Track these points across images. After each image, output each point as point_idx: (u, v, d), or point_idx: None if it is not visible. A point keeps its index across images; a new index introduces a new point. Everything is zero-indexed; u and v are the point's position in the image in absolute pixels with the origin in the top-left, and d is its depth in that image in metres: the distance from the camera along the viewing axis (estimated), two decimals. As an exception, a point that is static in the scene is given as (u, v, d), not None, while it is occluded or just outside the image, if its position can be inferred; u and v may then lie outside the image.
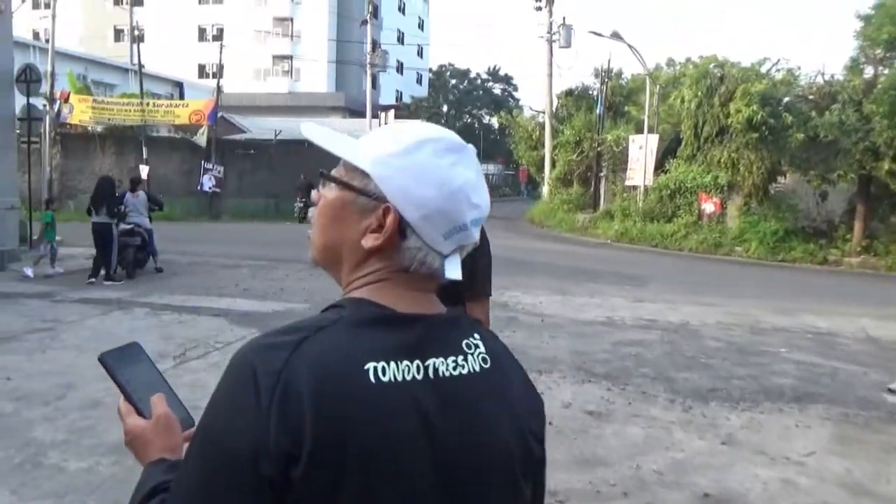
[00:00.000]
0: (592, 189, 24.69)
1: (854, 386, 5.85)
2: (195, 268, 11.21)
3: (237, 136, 26.33)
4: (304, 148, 27.94)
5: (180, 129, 23.72)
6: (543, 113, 27.44)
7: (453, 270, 0.87)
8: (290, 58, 46.24)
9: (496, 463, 0.81)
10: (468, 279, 2.35)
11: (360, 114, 37.57)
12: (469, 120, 70.95)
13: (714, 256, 17.59)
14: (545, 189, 27.69)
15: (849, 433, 4.75)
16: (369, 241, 0.83)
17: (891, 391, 5.65)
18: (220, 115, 22.76)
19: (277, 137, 24.53)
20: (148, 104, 21.55)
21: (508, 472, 0.82)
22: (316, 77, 44.74)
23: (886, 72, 16.00)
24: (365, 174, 0.83)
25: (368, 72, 28.76)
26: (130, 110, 21.30)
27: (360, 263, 0.85)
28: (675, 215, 19.49)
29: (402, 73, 51.47)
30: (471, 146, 0.88)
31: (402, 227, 0.82)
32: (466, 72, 67.96)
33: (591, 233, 22.08)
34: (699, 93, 18.36)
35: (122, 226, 9.84)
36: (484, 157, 64.06)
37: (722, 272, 14.51)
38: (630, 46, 20.77)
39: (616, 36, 20.80)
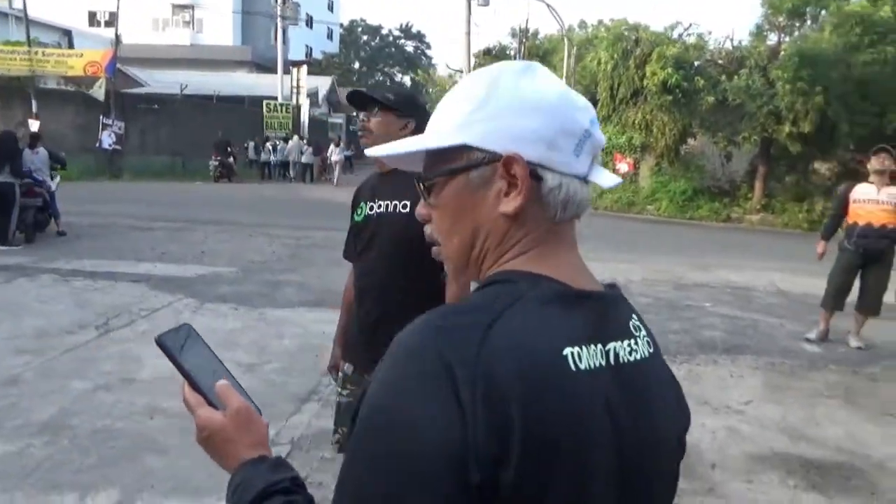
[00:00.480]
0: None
1: (775, 337, 6.22)
2: (102, 230, 10.44)
3: (137, 90, 24.62)
4: (211, 104, 26.69)
5: (73, 82, 21.89)
6: (461, 72, 27.20)
7: (608, 177, 0.79)
8: (192, 7, 43.41)
9: (664, 456, 0.76)
10: None
11: (267, 69, 36.00)
12: (381, 78, 69.62)
13: (628, 215, 18.25)
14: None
15: (777, 381, 5.04)
16: (510, 204, 0.73)
17: (808, 340, 6.04)
18: (118, 66, 21.14)
19: (183, 92, 23.11)
20: (37, 53, 19.66)
21: (673, 465, 0.79)
22: (220, 29, 42.28)
23: (788, 39, 16.86)
24: (461, 148, 0.74)
25: (279, 24, 27.43)
26: (16, 59, 19.38)
27: (503, 239, 0.75)
28: (591, 175, 19.99)
29: (311, 28, 49.50)
30: (534, 62, 0.80)
31: (533, 171, 0.73)
32: (378, 28, 66.43)
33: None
34: (615, 55, 18.68)
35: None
36: (397, 116, 63.31)
37: (637, 230, 15.05)
38: (548, 6, 20.81)
39: (535, -5, 20.73)
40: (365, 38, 66.84)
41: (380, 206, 2.20)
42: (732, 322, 6.63)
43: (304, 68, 28.14)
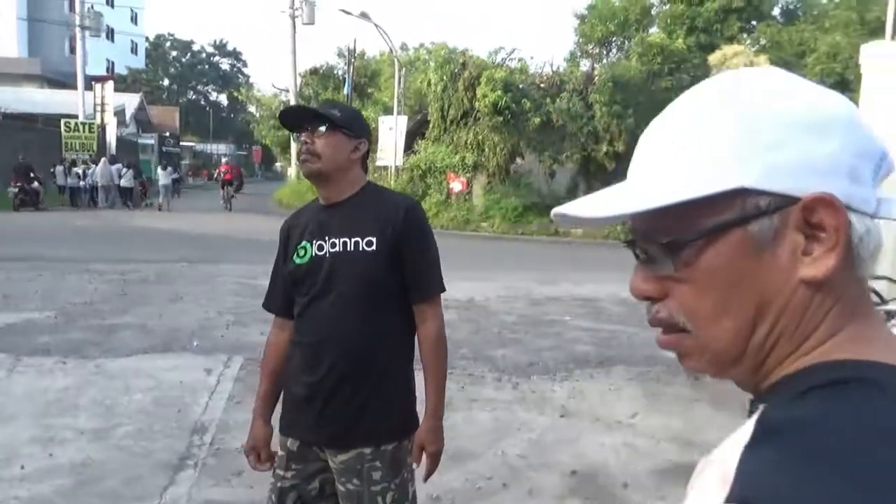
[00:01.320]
0: (342, 170, 24.55)
1: (636, 346, 6.54)
2: None
3: None
4: (4, 122, 23.29)
5: None
6: (287, 91, 26.43)
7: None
8: (-36, 12, 37.89)
9: None
10: (418, 276, 1.93)
11: (61, 84, 32.32)
12: (194, 96, 65.80)
13: (464, 232, 18.67)
14: (292, 170, 26.82)
15: (651, 389, 5.26)
16: (819, 267, 0.52)
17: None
18: None
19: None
20: None
21: None
22: (2, 38, 37.34)
23: (598, 65, 18.38)
24: (732, 194, 0.53)
25: (77, 34, 24.74)
26: None
27: (804, 315, 0.54)
28: (427, 194, 20.26)
29: (112, 40, 45.46)
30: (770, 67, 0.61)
31: None
32: (189, 43, 62.76)
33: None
34: (444, 77, 19.17)
35: None
36: (214, 136, 59.99)
37: (475, 248, 15.41)
38: (377, 26, 20.87)
39: (364, 16, 20.73)
40: (174, 53, 62.82)
41: (334, 245, 1.86)
42: (596, 334, 6.89)
43: (111, 84, 25.66)
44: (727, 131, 0.54)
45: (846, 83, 16.29)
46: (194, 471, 3.53)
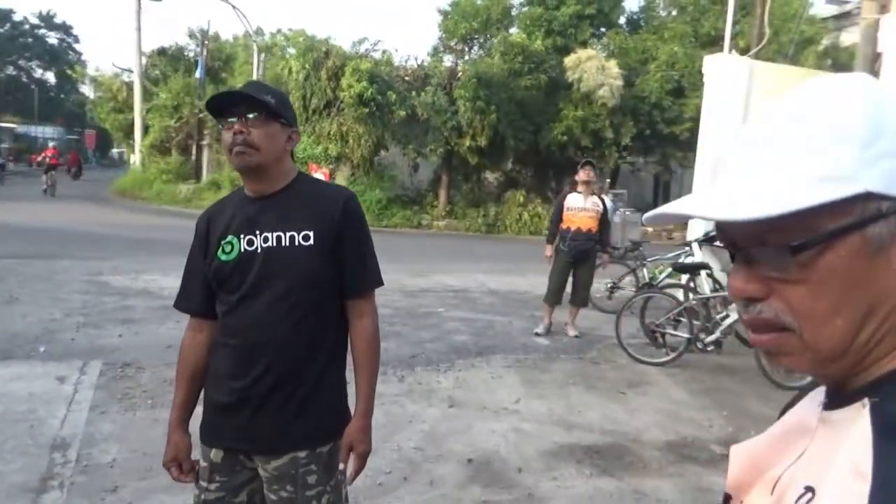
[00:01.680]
0: (194, 158, 23.11)
1: (511, 334, 6.77)
2: None
3: None
4: None
5: None
6: (131, 71, 24.40)
7: None
8: None
9: None
10: (356, 270, 1.86)
11: None
12: (15, 72, 59.01)
13: (328, 225, 18.34)
14: (136, 157, 24.84)
15: (529, 376, 5.46)
16: None
17: (537, 335, 6.70)
18: None
19: None
20: None
21: None
22: None
23: (461, 61, 18.74)
24: (853, 199, 0.55)
25: None
26: None
27: None
28: (288, 186, 19.69)
29: None
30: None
31: None
32: (9, 13, 55.98)
33: (196, 204, 20.73)
34: (307, 65, 18.61)
35: None
36: (40, 117, 54.18)
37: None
38: (234, 7, 19.82)
39: (219, -5, 19.58)
40: (-10, 22, 55.78)
41: (266, 240, 1.73)
42: (472, 324, 7.03)
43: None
44: (854, 138, 0.55)
45: (682, 90, 17.89)
46: (60, 492, 3.15)
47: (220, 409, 1.77)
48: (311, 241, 1.73)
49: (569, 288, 6.81)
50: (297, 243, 1.72)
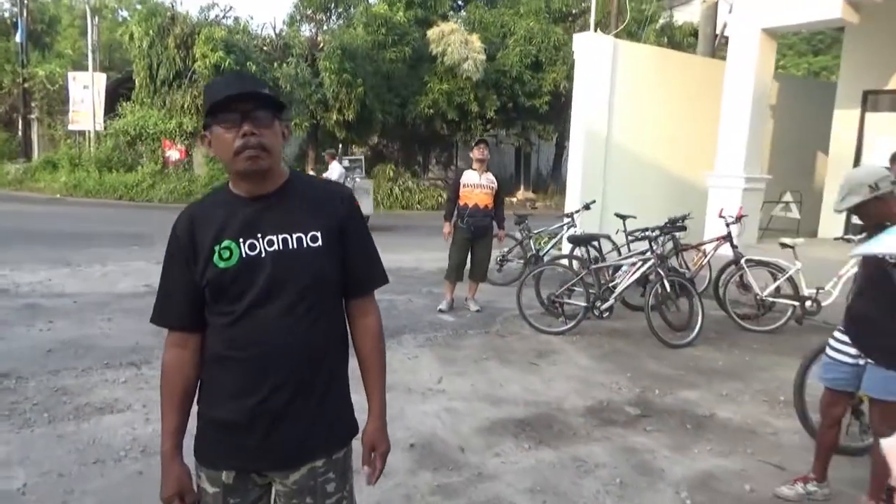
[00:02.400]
0: (22, 134, 20.59)
1: (415, 312, 6.78)
2: None
3: None
4: None
5: None
6: (-69, 34, 21.09)
7: None
8: None
9: None
10: (362, 269, 1.81)
11: None
12: None
13: (185, 206, 17.19)
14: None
15: (443, 354, 5.53)
16: None
17: (441, 311, 6.78)
18: None
19: None
20: None
21: None
22: None
23: (319, 31, 18.14)
24: None
25: None
26: None
27: None
28: (138, 164, 18.14)
29: None
30: None
31: None
32: None
33: (28, 186, 18.61)
34: (150, 31, 17.15)
35: None
36: None
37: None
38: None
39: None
40: None
41: (271, 243, 1.62)
42: (373, 305, 6.95)
43: None
44: None
45: (540, 64, 18.58)
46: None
47: (227, 428, 1.65)
48: (320, 242, 1.65)
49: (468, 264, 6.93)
50: (305, 245, 1.63)
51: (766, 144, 9.98)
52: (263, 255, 1.60)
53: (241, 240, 1.60)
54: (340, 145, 18.04)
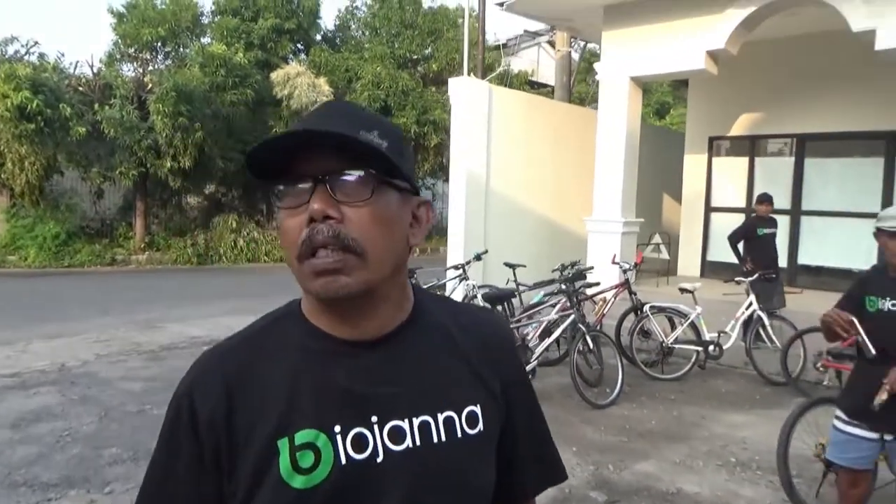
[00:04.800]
0: None
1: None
2: None
3: None
4: None
5: None
6: None
7: None
8: None
9: None
10: (537, 458, 1.14)
11: None
12: None
13: (-18, 270, 14.46)
14: None
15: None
16: None
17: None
18: None
19: None
20: None
21: None
22: None
23: (151, 71, 16.42)
24: None
25: None
26: None
27: None
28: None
29: None
30: None
31: None
32: None
33: None
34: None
35: None
36: None
37: (7, 290, 12.01)
38: None
39: None
40: None
41: (398, 435, 0.88)
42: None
43: None
44: None
45: (388, 108, 18.28)
46: None
47: None
48: (481, 426, 0.92)
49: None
50: (458, 434, 0.89)
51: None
52: (383, 457, 0.85)
53: (336, 429, 0.84)
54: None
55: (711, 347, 6.54)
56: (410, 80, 19.12)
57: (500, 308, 6.15)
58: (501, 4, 8.72)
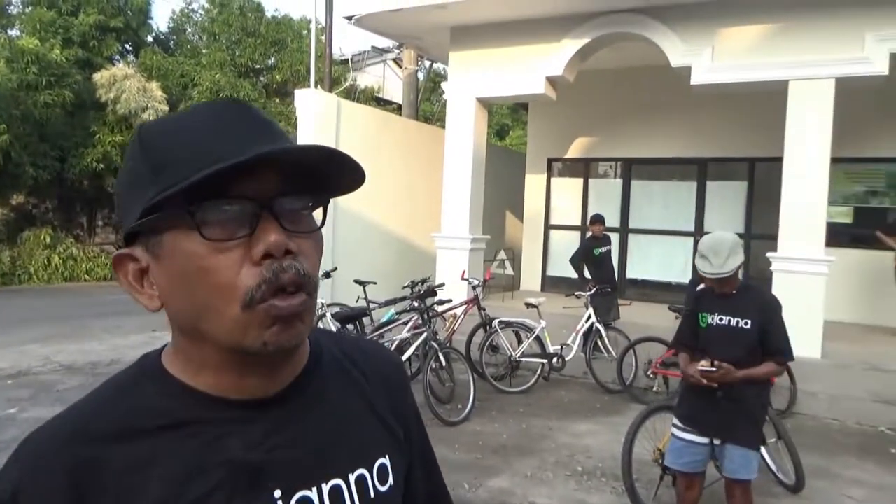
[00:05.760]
0: None
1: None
2: None
3: None
4: None
5: None
6: None
7: None
8: None
9: None
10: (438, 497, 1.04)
11: None
12: None
13: None
14: None
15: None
16: None
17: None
18: None
19: None
20: None
21: None
22: None
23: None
24: None
25: None
26: None
27: None
28: None
29: None
30: None
31: None
32: None
33: None
34: None
35: None
36: None
37: None
38: None
39: None
40: None
41: None
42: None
43: None
44: None
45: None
46: None
47: None
48: (391, 480, 0.80)
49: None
50: (371, 495, 0.77)
51: (477, 206, 10.55)
52: None
53: None
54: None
55: (555, 359, 6.82)
56: (253, 89, 18.38)
57: (350, 327, 5.96)
58: (350, 18, 8.60)
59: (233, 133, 0.66)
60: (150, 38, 19.41)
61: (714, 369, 2.87)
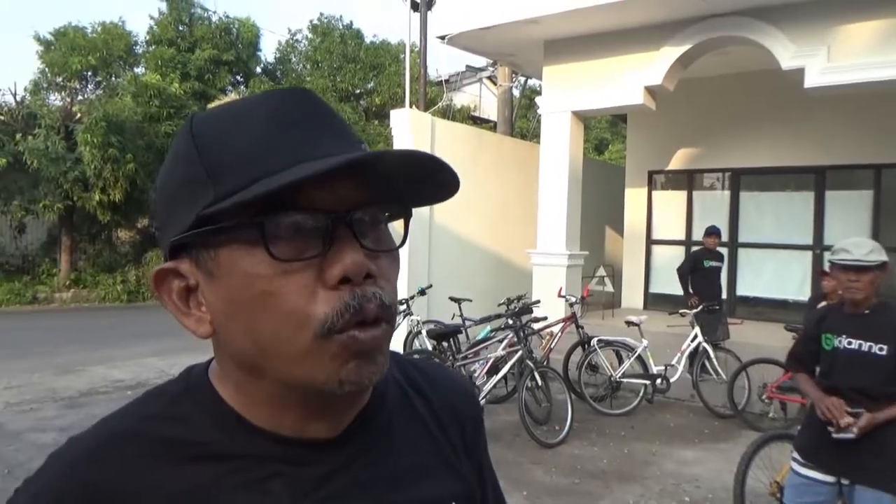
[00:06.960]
0: None
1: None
2: None
3: None
4: None
5: None
6: None
7: None
8: None
9: None
10: None
11: None
12: None
13: None
14: None
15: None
16: None
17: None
18: None
19: None
20: None
21: None
22: None
23: (80, 101, 15.77)
24: None
25: None
26: None
27: None
28: None
29: None
30: None
31: None
32: None
33: None
34: None
35: None
36: None
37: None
38: None
39: None
40: None
41: None
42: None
43: None
44: None
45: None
46: None
47: None
48: None
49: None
50: None
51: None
52: None
53: None
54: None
55: (659, 381, 6.48)
56: (353, 113, 18.99)
57: (445, 344, 5.94)
58: (443, 38, 8.70)
59: (303, 129, 0.57)
60: (258, 69, 20.57)
61: (854, 420, 2.54)
